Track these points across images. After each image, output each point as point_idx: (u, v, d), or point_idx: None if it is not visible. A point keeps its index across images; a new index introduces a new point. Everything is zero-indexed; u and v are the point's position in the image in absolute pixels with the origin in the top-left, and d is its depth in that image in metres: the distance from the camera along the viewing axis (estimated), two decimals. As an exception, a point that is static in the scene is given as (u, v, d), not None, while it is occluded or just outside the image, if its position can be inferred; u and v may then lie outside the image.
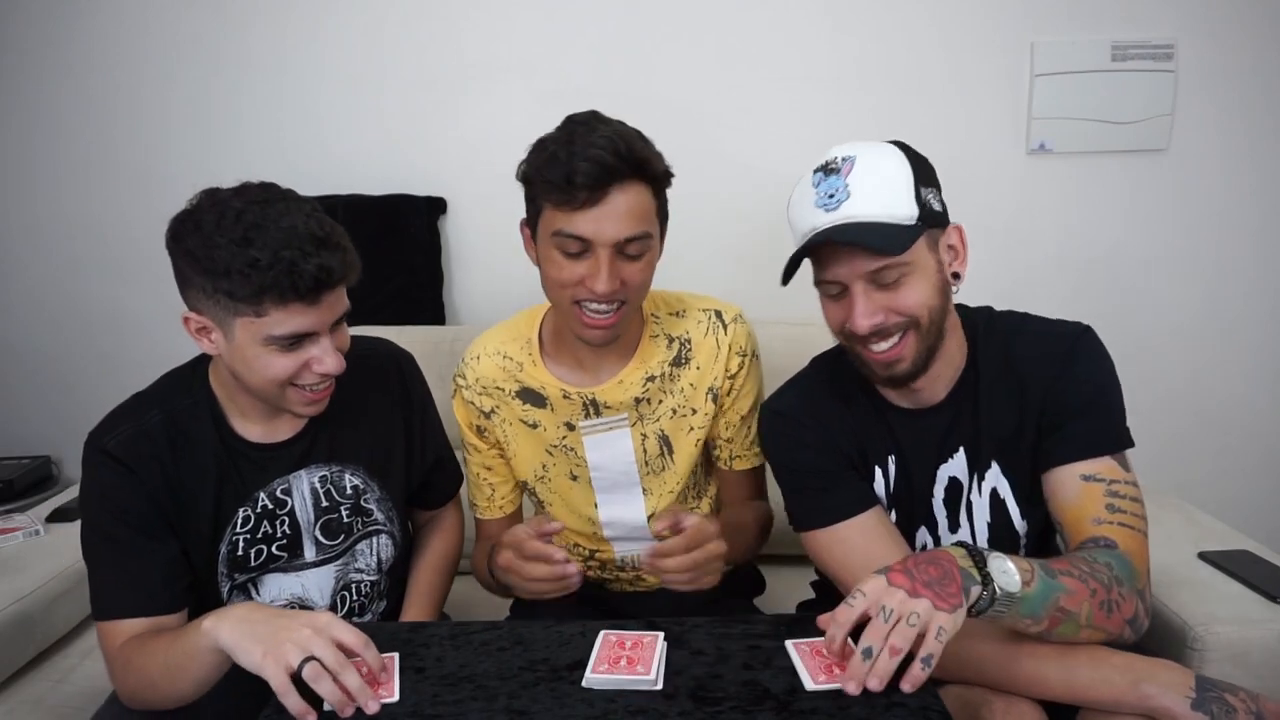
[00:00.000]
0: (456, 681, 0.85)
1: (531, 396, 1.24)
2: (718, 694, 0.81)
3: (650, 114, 1.16)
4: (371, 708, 0.82)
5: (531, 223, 1.13)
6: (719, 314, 1.25)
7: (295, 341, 0.99)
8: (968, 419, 1.08)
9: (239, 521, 1.10)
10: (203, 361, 1.12)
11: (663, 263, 1.17)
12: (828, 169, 0.99)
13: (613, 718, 0.78)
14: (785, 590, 1.46)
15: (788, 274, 1.02)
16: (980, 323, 1.10)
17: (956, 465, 1.09)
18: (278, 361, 1.00)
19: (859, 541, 1.05)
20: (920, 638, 0.79)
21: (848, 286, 1.00)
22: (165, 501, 1.06)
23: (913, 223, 0.97)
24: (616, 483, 1.26)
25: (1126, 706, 0.87)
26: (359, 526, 1.18)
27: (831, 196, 0.98)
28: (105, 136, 1.99)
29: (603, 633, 0.91)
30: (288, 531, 1.13)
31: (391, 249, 1.91)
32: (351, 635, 0.86)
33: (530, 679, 0.85)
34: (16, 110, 1.99)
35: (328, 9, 1.92)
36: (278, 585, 1.15)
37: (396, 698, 0.84)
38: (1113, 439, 1.02)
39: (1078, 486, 0.99)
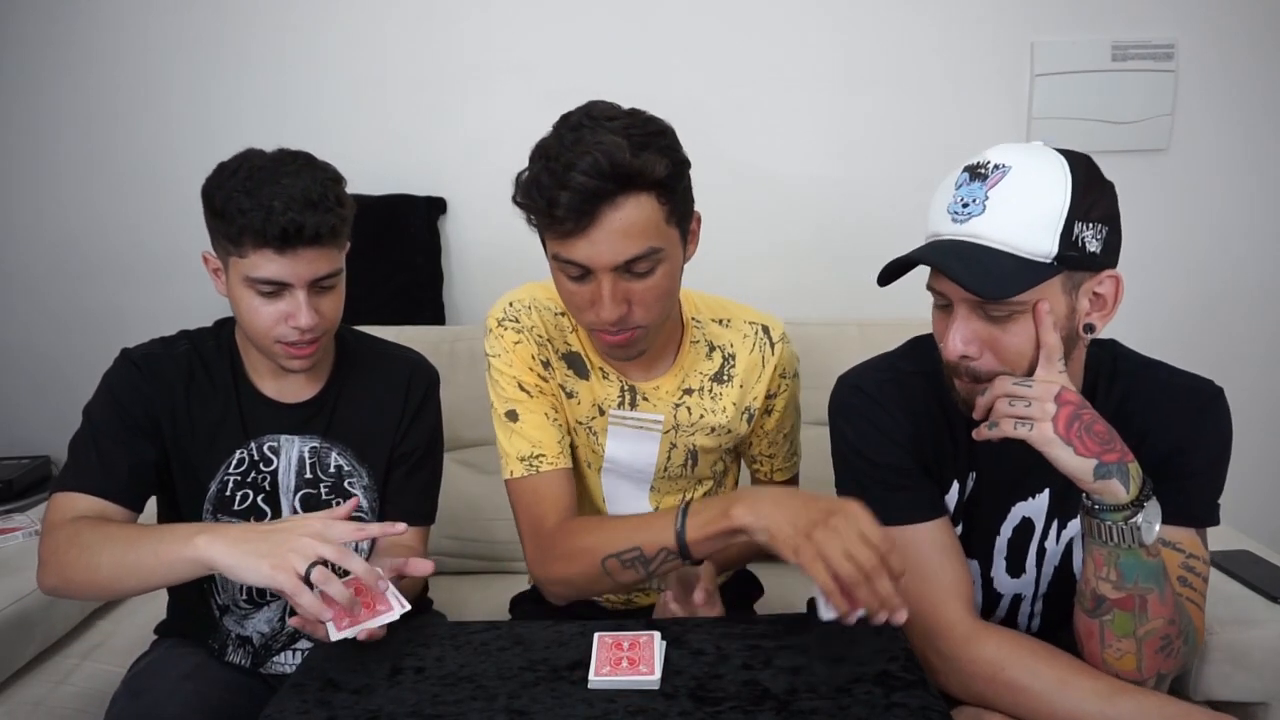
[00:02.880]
0: (456, 681, 0.85)
1: (576, 363, 1.17)
2: (718, 694, 0.81)
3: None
4: (380, 586, 0.91)
5: (541, 238, 1.06)
6: (766, 330, 1.21)
7: (273, 290, 1.04)
8: None
9: (233, 463, 1.14)
10: (232, 319, 1.18)
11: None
12: (975, 172, 0.87)
13: (613, 718, 0.78)
14: (787, 592, 1.43)
15: (887, 276, 0.92)
16: (1105, 362, 1.01)
17: (1035, 506, 1.01)
18: (260, 308, 1.05)
19: (917, 550, 0.96)
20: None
21: (954, 302, 0.89)
22: (165, 420, 1.12)
23: (1045, 260, 0.84)
24: (626, 476, 1.21)
25: None
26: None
27: (965, 206, 0.86)
28: (105, 137, 1.99)
29: (597, 635, 0.90)
30: (267, 489, 1.16)
31: (391, 249, 1.91)
32: (349, 530, 0.93)
33: (530, 679, 0.85)
34: (16, 110, 1.99)
35: (328, 9, 1.92)
36: None
37: (398, 611, 0.91)
38: (1205, 514, 0.97)
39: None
